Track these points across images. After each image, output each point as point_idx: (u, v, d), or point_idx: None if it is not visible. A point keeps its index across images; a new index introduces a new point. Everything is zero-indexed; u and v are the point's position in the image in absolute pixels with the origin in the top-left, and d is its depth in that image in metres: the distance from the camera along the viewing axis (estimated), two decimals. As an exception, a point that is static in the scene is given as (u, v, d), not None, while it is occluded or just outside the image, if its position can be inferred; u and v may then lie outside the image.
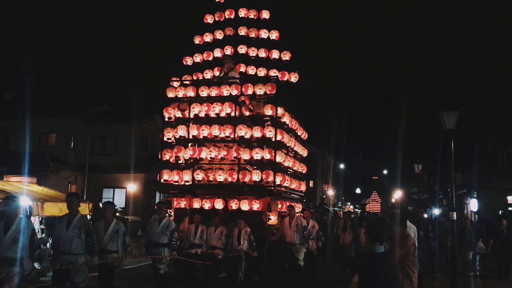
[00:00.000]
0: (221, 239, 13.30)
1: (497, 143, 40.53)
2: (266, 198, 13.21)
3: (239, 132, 13.10)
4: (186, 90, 13.83)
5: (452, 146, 13.81)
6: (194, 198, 13.49)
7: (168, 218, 11.96)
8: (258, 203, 13.01)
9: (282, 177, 13.32)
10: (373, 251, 6.17)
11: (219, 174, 13.17)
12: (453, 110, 13.85)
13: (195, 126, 13.41)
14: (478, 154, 40.15)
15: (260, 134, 13.09)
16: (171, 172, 13.56)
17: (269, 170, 13.04)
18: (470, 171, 42.58)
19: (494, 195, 34.64)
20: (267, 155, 12.99)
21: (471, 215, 37.03)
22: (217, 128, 13.19)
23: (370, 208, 62.06)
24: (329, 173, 71.29)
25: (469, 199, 39.47)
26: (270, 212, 13.01)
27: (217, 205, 13.23)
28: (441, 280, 15.55)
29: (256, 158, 13.04)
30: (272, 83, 13.51)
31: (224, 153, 13.15)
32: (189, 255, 12.96)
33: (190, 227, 13.55)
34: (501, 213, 30.88)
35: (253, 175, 12.99)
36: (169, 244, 11.73)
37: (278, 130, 13.26)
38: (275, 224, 13.23)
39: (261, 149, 13.07)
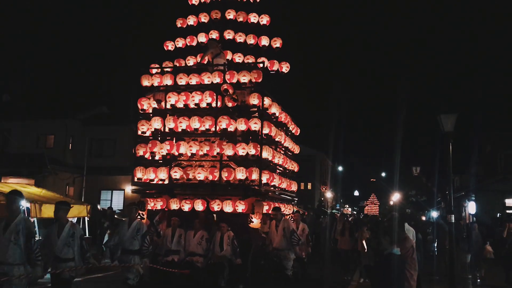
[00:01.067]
0: (201, 244, 11.50)
1: (495, 145, 39.78)
2: (252, 198, 11.34)
3: (221, 124, 11.14)
4: (163, 78, 11.87)
5: (451, 148, 13.49)
6: (171, 199, 11.57)
7: (138, 221, 10.19)
8: (243, 204, 11.16)
9: (269, 175, 11.33)
10: (392, 252, 5.98)
11: (198, 172, 11.22)
12: (452, 113, 13.47)
13: (172, 118, 11.45)
14: (476, 156, 39.46)
15: (245, 127, 11.16)
16: (146, 169, 11.61)
17: (254, 167, 11.05)
18: (468, 174, 41.29)
19: (492, 197, 33.63)
20: (252, 151, 11.07)
21: (469, 218, 35.09)
22: (196, 120, 11.25)
23: (368, 210, 60.22)
24: (327, 175, 69.70)
25: (467, 202, 37.30)
26: (253, 214, 11.06)
27: (197, 207, 11.31)
28: (440, 283, 15.13)
29: (240, 154, 11.11)
30: (258, 70, 11.53)
31: (206, 148, 11.15)
32: (165, 263, 11.23)
33: (167, 231, 11.70)
34: (499, 215, 30.47)
35: (237, 173, 11.04)
36: (140, 250, 9.95)
37: (265, 123, 11.34)
38: (259, 227, 11.28)
39: (245, 144, 11.13)
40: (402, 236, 6.83)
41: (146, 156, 11.82)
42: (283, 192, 13.44)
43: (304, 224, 13.49)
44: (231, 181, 11.27)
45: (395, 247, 6.06)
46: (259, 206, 11.25)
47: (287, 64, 12.62)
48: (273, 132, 11.77)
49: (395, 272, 5.90)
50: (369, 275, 9.34)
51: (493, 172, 38.57)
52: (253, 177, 11.09)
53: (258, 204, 11.26)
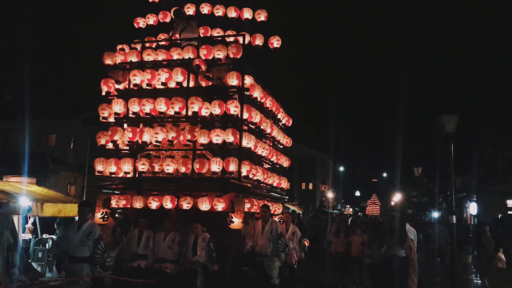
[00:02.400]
0: (172, 248, 9.29)
1: (496, 147, 38.68)
2: (231, 194, 9.09)
3: (193, 107, 8.89)
4: (127, 55, 9.61)
5: (452, 149, 12.93)
6: (136, 196, 9.30)
7: (90, 223, 8.13)
8: (222, 202, 8.90)
9: (249, 167, 9.05)
10: (397, 254, 5.84)
11: (167, 164, 8.97)
12: (453, 114, 13.03)
13: (135, 101, 9.18)
14: (477, 158, 38.15)
15: (220, 110, 8.88)
16: (107, 161, 9.37)
17: (231, 157, 8.81)
18: (469, 175, 40.41)
19: (493, 198, 32.27)
20: (230, 138, 8.80)
21: (470, 219, 35.45)
22: (163, 103, 8.99)
23: (370, 211, 57.94)
24: (328, 176, 67.47)
25: (468, 203, 36.97)
26: (233, 213, 8.81)
27: (167, 204, 9.04)
28: (441, 283, 14.36)
29: (215, 141, 8.83)
30: (238, 44, 9.27)
31: (172, 134, 8.91)
32: (129, 270, 9.05)
33: (133, 233, 9.49)
34: (500, 216, 29.13)
35: (211, 165, 8.79)
36: (91, 258, 7.91)
37: (245, 107, 9.05)
38: (240, 227, 9.03)
39: (222, 131, 8.86)
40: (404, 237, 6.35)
41: (108, 145, 9.54)
42: (272, 189, 11.13)
43: (294, 227, 11.23)
44: (206, 174, 9.00)
45: (400, 249, 5.85)
46: (239, 204, 8.98)
47: (278, 38, 10.18)
48: (256, 119, 9.52)
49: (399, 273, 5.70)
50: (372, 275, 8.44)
51: (494, 173, 37.19)
52: (231, 169, 8.81)
53: (238, 201, 9.00)
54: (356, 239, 12.96)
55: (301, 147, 63.62)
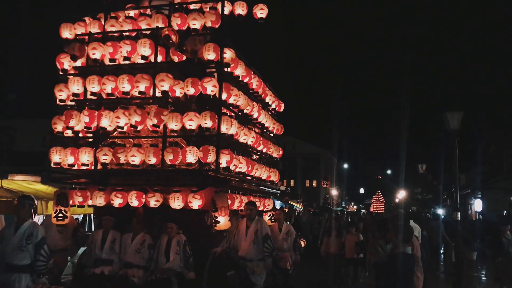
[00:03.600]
0: (140, 252, 7.52)
1: (500, 144, 37.62)
2: (210, 189, 7.30)
3: (162, 85, 7.05)
4: (88, 27, 7.77)
5: (456, 146, 12.76)
6: (98, 192, 7.51)
7: (31, 223, 6.33)
8: (198, 198, 7.11)
9: (229, 156, 7.17)
10: (405, 252, 5.50)
11: (132, 154, 7.16)
12: (457, 111, 12.77)
13: (94, 79, 7.31)
14: (482, 154, 36.75)
15: (194, 90, 7.05)
16: (64, 150, 7.56)
17: (209, 145, 6.97)
18: (474, 172, 38.46)
19: (498, 195, 31.07)
20: (207, 122, 6.96)
21: (475, 215, 33.75)
22: (126, 81, 7.15)
23: (374, 208, 55.93)
24: (332, 173, 65.40)
25: (473, 200, 35.32)
26: (216, 212, 6.99)
27: (132, 202, 7.24)
28: (446, 280, 13.92)
29: (189, 127, 7.00)
30: (216, 11, 7.40)
31: (136, 119, 7.09)
32: (91, 277, 7.36)
33: (96, 234, 7.75)
34: (505, 213, 27.80)
35: (186, 155, 6.95)
36: (31, 266, 6.16)
37: (224, 85, 7.20)
38: (227, 227, 7.25)
39: (196, 114, 7.03)
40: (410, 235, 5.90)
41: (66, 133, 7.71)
42: (261, 183, 9.21)
43: (289, 226, 9.42)
44: (179, 166, 7.17)
45: (408, 246, 5.58)
46: (221, 200, 7.12)
47: (262, 7, 8.16)
48: (239, 101, 7.68)
49: (406, 271, 5.48)
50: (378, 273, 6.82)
51: (498, 170, 36.20)
52: (209, 159, 6.97)
53: (219, 196, 7.16)
54: (350, 239, 11.29)
55: (305, 145, 61.94)
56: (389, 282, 5.58)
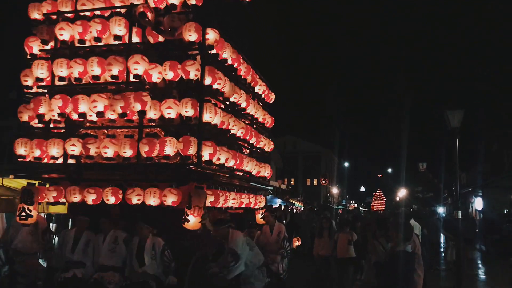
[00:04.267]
0: (115, 251, 6.60)
1: (501, 143, 36.82)
2: (191, 185, 6.45)
3: (136, 68, 6.15)
4: (57, 4, 6.84)
5: (457, 144, 12.36)
6: (71, 187, 6.60)
7: None
8: (174, 194, 6.29)
9: (212, 149, 6.24)
10: (405, 250, 5.44)
11: (105, 145, 6.25)
12: (458, 109, 12.31)
13: (63, 62, 6.41)
14: (483, 152, 36.45)
15: (173, 74, 6.14)
16: (31, 142, 6.66)
17: (190, 136, 6.05)
18: (475, 170, 38.06)
19: (499, 194, 29.61)
20: (189, 111, 6.06)
21: (476, 214, 32.99)
22: (95, 63, 6.24)
23: (375, 206, 54.96)
24: (333, 172, 64.23)
25: (474, 198, 34.65)
26: (189, 209, 6.04)
27: (108, 199, 6.33)
28: (446, 279, 13.65)
29: (167, 115, 6.09)
30: (199, -14, 6.51)
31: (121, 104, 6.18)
32: (61, 283, 6.47)
33: (68, 234, 6.85)
34: (506, 212, 27.23)
35: (164, 146, 6.04)
36: None
37: (207, 70, 6.27)
38: (197, 228, 6.31)
39: (176, 101, 6.12)
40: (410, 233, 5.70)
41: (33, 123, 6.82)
42: (250, 178, 8.24)
43: (280, 226, 8.40)
44: (157, 159, 6.27)
45: (408, 244, 5.47)
46: (199, 198, 6.21)
47: None
48: (225, 88, 6.75)
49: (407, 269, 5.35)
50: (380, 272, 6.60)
51: (499, 168, 35.39)
52: (190, 152, 6.06)
53: (198, 193, 6.22)
54: (342, 237, 10.11)
55: (306, 144, 61.00)
56: (390, 281, 5.50)
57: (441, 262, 16.02)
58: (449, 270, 14.49)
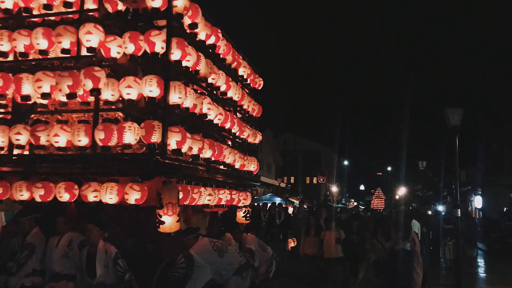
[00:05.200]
0: (69, 256, 5.46)
1: (501, 141, 35.94)
2: (158, 179, 5.27)
3: (89, 40, 4.98)
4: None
5: (457, 143, 12.31)
6: (17, 182, 5.43)
7: None
8: (137, 190, 5.11)
9: (180, 135, 5.03)
10: (405, 248, 5.31)
11: (55, 133, 5.09)
12: (458, 107, 12.27)
13: (3, 34, 5.23)
14: (483, 151, 36.08)
15: (134, 47, 4.96)
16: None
17: (153, 120, 4.87)
18: (474, 168, 37.63)
19: (498, 192, 29.52)
20: (153, 90, 4.89)
21: (475, 212, 32.89)
22: (40, 35, 5.07)
23: (375, 204, 53.75)
24: (333, 170, 62.97)
25: (473, 196, 34.23)
26: (160, 209, 4.85)
27: (62, 195, 5.16)
28: (445, 277, 13.37)
29: (127, 96, 4.92)
30: None
31: (68, 83, 4.99)
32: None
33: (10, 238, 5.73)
34: (505, 210, 26.19)
35: (124, 133, 4.86)
36: None
37: (175, 42, 5.08)
38: (178, 229, 5.11)
39: (137, 79, 4.95)
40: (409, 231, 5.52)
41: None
42: (232, 172, 6.97)
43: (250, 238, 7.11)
44: (115, 148, 5.11)
45: (407, 243, 5.31)
46: (170, 193, 5.03)
47: None
48: (199, 66, 5.57)
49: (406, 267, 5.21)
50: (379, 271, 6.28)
51: (499, 167, 34.80)
52: (153, 139, 4.89)
53: (168, 189, 5.04)
54: (329, 235, 9.18)
55: (306, 142, 59.89)
56: (390, 279, 5.40)
57: (441, 260, 15.67)
58: (448, 268, 14.27)
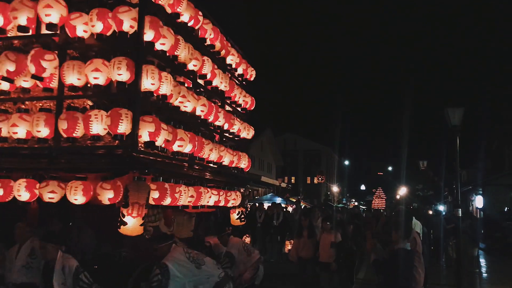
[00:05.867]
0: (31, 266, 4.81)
1: (502, 140, 35.30)
2: (130, 175, 4.53)
3: (49, 14, 4.24)
4: None
5: (458, 142, 11.91)
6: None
7: None
8: (108, 189, 4.42)
9: (153, 126, 4.29)
10: (405, 248, 5.18)
11: (13, 123, 4.37)
12: (459, 106, 11.89)
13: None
14: (483, 150, 35.10)
15: (102, 25, 4.22)
16: None
17: (120, 108, 4.12)
18: (475, 168, 36.73)
19: (499, 191, 28.81)
20: (122, 74, 4.15)
21: (476, 212, 31.18)
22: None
23: (376, 204, 52.90)
24: (333, 170, 62.05)
25: (474, 196, 32.95)
26: (126, 208, 4.21)
27: (21, 194, 4.43)
28: (446, 276, 12.94)
29: (94, 81, 4.17)
30: None
31: (9, 67, 4.26)
32: None
33: None
34: (506, 209, 26.19)
35: (91, 123, 4.12)
36: None
37: (149, 20, 4.32)
38: (140, 233, 4.36)
39: (105, 62, 4.19)
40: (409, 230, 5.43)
41: None
42: (219, 169, 6.18)
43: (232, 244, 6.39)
44: (81, 140, 4.37)
45: (407, 242, 5.17)
46: (138, 192, 4.28)
47: None
48: (178, 50, 4.82)
49: (407, 266, 5.05)
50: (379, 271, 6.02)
51: (500, 166, 34.33)
52: (120, 129, 4.15)
53: (137, 187, 4.31)
54: (325, 238, 8.38)
55: (306, 142, 59.12)
56: (391, 279, 5.26)
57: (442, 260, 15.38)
58: (449, 267, 14.03)
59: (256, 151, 39.22)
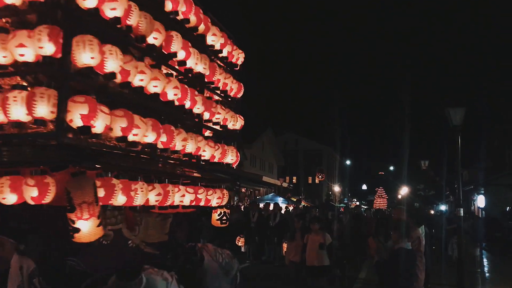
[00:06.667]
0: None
1: (503, 139, 35.53)
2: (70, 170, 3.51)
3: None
4: None
5: (459, 142, 11.76)
6: None
7: None
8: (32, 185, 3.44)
9: (87, 107, 3.34)
10: (404, 247, 5.15)
11: None
12: (460, 106, 11.69)
13: None
14: (484, 150, 34.95)
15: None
16: None
17: (39, 87, 3.25)
18: (476, 167, 36.26)
19: (501, 191, 29.04)
20: (44, 47, 3.28)
21: (478, 212, 31.54)
22: None
23: (377, 204, 52.15)
24: (335, 170, 61.36)
25: (476, 196, 32.77)
26: (72, 212, 3.19)
27: None
28: (448, 276, 12.76)
29: (21, 58, 3.30)
30: None
31: None
32: None
33: None
34: (508, 209, 25.98)
35: (10, 107, 3.19)
36: None
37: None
38: (94, 239, 3.44)
39: (31, 33, 3.28)
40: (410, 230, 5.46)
41: None
42: (199, 164, 5.16)
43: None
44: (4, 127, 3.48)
45: (407, 241, 5.18)
46: (82, 190, 3.32)
47: None
48: (130, 19, 3.88)
49: (408, 265, 5.10)
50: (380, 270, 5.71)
51: (501, 166, 34.19)
52: (39, 113, 3.22)
53: (76, 184, 3.38)
54: (312, 240, 7.68)
55: (307, 142, 58.55)
56: (392, 278, 5.15)
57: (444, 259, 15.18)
58: (451, 267, 13.84)
59: (257, 151, 38.82)
